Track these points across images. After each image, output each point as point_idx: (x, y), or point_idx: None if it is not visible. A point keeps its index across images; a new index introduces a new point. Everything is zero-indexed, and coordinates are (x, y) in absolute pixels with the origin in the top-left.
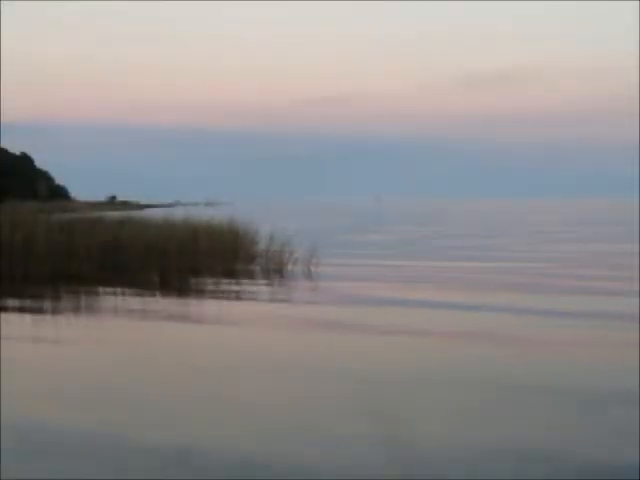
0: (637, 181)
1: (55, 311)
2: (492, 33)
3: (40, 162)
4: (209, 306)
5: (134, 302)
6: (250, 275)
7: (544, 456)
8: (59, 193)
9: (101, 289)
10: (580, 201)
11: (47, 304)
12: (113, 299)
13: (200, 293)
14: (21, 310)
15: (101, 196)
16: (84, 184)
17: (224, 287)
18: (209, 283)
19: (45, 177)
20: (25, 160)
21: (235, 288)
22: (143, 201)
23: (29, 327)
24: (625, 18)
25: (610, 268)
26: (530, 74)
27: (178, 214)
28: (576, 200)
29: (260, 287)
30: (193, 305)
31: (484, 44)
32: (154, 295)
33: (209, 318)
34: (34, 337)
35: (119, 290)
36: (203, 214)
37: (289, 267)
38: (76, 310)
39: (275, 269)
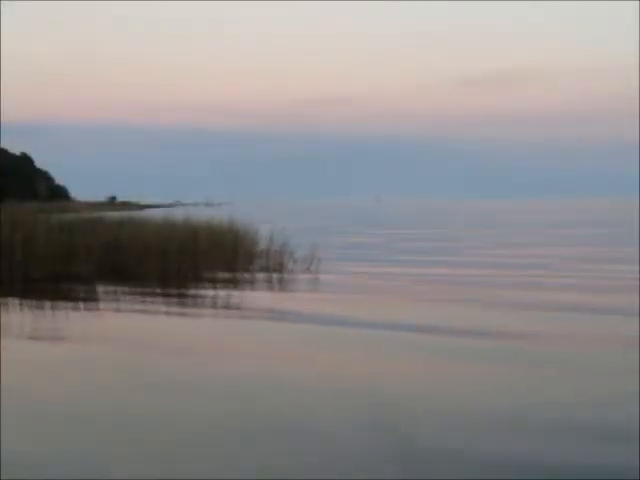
0: (637, 181)
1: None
2: (492, 33)
3: (40, 162)
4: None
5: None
6: (249, 278)
7: None
8: (59, 193)
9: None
10: (580, 201)
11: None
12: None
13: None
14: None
15: (101, 196)
16: (84, 184)
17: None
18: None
19: (45, 177)
20: (25, 160)
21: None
22: (143, 201)
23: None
24: (625, 18)
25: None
26: (530, 74)
27: (178, 214)
28: (576, 200)
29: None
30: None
31: (484, 44)
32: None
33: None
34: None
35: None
36: (203, 214)
37: (289, 267)
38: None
39: (275, 269)
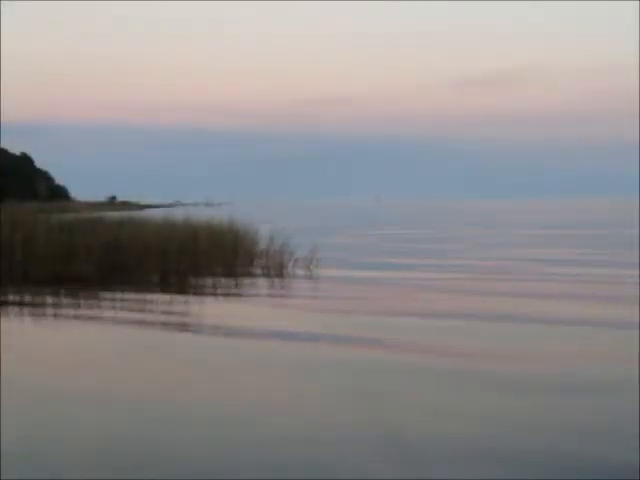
0: (637, 181)
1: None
2: (492, 33)
3: (40, 162)
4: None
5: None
6: (250, 276)
7: None
8: (59, 193)
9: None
10: (580, 201)
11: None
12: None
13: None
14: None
15: (101, 196)
16: (84, 184)
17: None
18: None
19: (45, 177)
20: (25, 160)
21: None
22: (143, 201)
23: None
24: (625, 18)
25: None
26: (530, 74)
27: (178, 214)
28: (576, 200)
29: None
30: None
31: (484, 44)
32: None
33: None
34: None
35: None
36: (203, 214)
37: (289, 268)
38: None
39: (275, 269)
